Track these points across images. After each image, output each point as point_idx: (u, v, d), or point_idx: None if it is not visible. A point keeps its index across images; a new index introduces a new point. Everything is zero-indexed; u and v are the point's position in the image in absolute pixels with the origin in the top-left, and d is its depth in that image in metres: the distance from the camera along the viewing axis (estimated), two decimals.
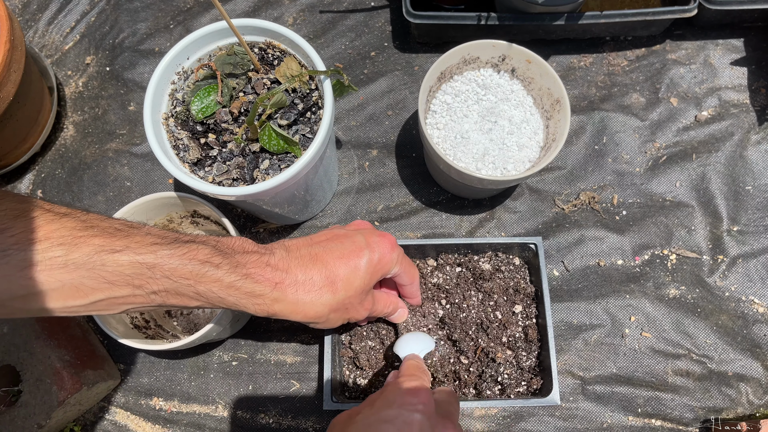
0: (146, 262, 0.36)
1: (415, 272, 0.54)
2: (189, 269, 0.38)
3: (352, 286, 0.45)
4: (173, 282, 0.38)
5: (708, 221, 0.71)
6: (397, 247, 0.49)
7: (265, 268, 0.41)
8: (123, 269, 0.36)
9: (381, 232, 0.50)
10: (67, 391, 0.57)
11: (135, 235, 0.37)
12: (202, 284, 0.39)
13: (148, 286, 0.37)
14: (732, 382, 0.65)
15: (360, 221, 0.52)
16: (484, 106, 0.66)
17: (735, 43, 0.79)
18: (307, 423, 0.64)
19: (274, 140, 0.51)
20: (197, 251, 0.39)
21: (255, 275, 0.41)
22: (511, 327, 0.59)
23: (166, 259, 0.37)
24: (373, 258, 0.47)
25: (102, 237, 0.35)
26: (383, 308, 0.54)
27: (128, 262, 0.36)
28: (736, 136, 0.74)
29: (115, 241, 0.36)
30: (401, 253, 0.50)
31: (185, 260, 0.38)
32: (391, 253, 0.48)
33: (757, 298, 0.68)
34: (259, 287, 0.41)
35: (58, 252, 0.34)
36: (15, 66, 0.62)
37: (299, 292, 0.43)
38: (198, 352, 0.67)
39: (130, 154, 0.75)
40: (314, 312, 0.44)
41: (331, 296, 0.44)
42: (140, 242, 0.37)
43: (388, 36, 0.80)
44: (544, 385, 0.57)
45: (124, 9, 0.82)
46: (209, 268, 0.39)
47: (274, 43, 0.56)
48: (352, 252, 0.46)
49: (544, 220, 0.71)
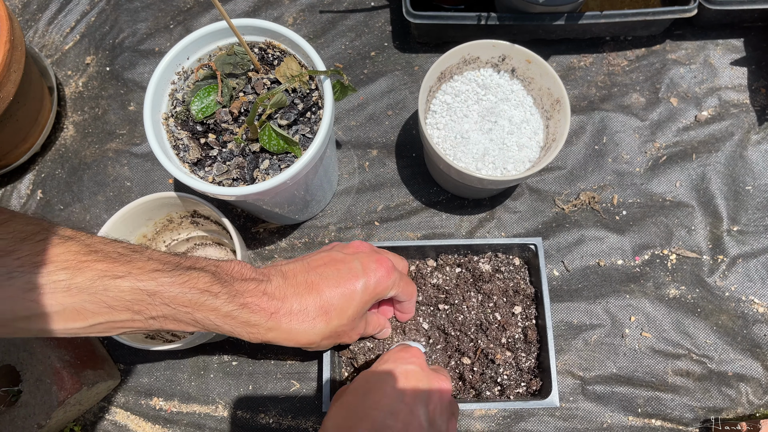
0: (147, 289, 0.37)
1: (412, 290, 0.55)
2: (188, 298, 0.39)
3: (345, 315, 0.46)
4: (172, 309, 0.39)
5: (708, 221, 0.71)
6: (393, 272, 0.50)
7: (261, 297, 0.42)
8: (124, 295, 0.37)
9: (379, 256, 0.50)
10: (67, 391, 0.57)
11: (137, 261, 0.38)
12: (200, 312, 0.40)
13: (147, 311, 0.38)
14: (732, 382, 0.65)
15: (359, 243, 0.52)
16: (484, 106, 0.66)
17: (735, 43, 0.79)
18: (307, 423, 0.64)
19: (274, 140, 0.51)
20: (197, 280, 0.39)
21: (251, 305, 0.42)
22: (510, 328, 0.59)
23: (167, 287, 0.38)
24: (369, 284, 0.48)
25: (105, 262, 0.36)
26: (373, 330, 0.55)
27: (129, 288, 0.37)
28: (736, 136, 0.74)
29: (117, 267, 0.37)
30: (398, 276, 0.51)
31: (185, 288, 0.39)
32: (387, 279, 0.49)
33: (757, 298, 0.68)
34: (255, 317, 0.42)
35: (62, 276, 0.34)
36: (15, 66, 0.62)
37: (293, 322, 0.44)
38: (198, 352, 0.67)
39: (130, 154, 0.75)
40: (306, 340, 0.45)
41: (324, 325, 0.45)
42: (142, 268, 0.38)
43: (388, 36, 0.80)
44: (544, 386, 0.57)
45: (124, 9, 0.82)
46: (208, 297, 0.40)
47: (274, 43, 0.56)
48: (347, 279, 0.47)
49: (544, 220, 0.71)
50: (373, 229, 0.71)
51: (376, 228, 0.71)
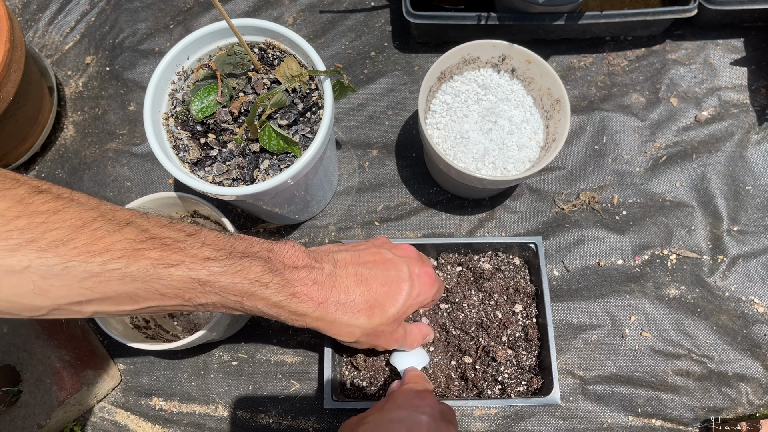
0: (199, 278, 0.38)
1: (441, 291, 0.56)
2: (239, 288, 0.39)
3: (386, 315, 0.47)
4: (222, 297, 0.39)
5: (708, 221, 0.71)
6: (435, 283, 0.51)
7: (311, 287, 0.43)
8: (176, 283, 0.37)
9: (424, 265, 0.51)
10: (67, 391, 0.57)
11: (190, 248, 0.38)
12: (250, 301, 0.40)
13: (197, 299, 0.39)
14: (732, 382, 0.65)
15: (408, 246, 0.53)
16: (484, 106, 0.66)
17: (735, 43, 0.79)
18: (307, 423, 0.64)
19: (274, 140, 0.51)
20: (249, 269, 0.40)
21: (301, 295, 0.42)
22: (511, 326, 0.59)
23: (218, 277, 0.38)
24: (413, 292, 0.48)
25: (159, 250, 0.37)
26: (412, 341, 0.55)
27: (181, 278, 0.37)
28: (736, 136, 0.74)
29: (171, 255, 0.37)
30: (439, 284, 0.52)
31: (237, 278, 0.39)
32: (431, 290, 0.50)
33: (757, 298, 0.68)
34: (303, 307, 0.43)
35: (117, 265, 0.35)
36: (15, 66, 0.62)
37: (338, 312, 0.44)
38: (198, 352, 0.67)
39: (130, 154, 0.75)
40: (347, 331, 0.46)
41: (366, 320, 0.46)
42: (195, 256, 0.38)
43: (388, 36, 0.80)
44: (545, 384, 0.57)
45: (124, 9, 0.82)
46: (258, 287, 0.40)
47: (274, 43, 0.56)
48: (394, 282, 0.47)
49: (544, 220, 0.71)
50: (373, 229, 0.71)
51: (376, 228, 0.71)
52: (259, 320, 0.68)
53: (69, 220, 0.34)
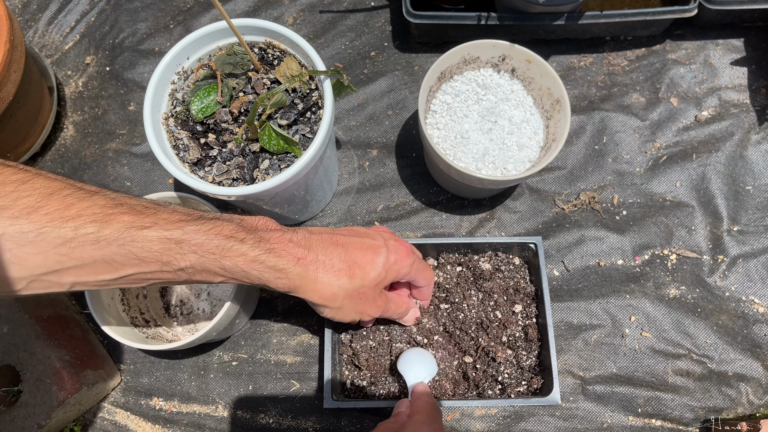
0: (174, 237, 0.38)
1: (430, 275, 0.56)
2: (215, 244, 0.39)
3: (368, 276, 0.47)
4: (200, 257, 0.39)
5: (708, 221, 0.71)
6: (413, 254, 0.51)
7: (288, 244, 0.43)
8: (152, 245, 0.37)
9: (398, 238, 0.51)
10: (67, 391, 0.57)
11: (162, 213, 0.39)
12: (228, 259, 0.40)
13: (176, 262, 0.39)
14: (732, 382, 0.65)
15: (381, 227, 0.54)
16: (484, 106, 0.66)
17: (735, 43, 0.79)
18: (307, 423, 0.64)
19: (274, 140, 0.51)
20: (222, 227, 0.40)
21: (278, 250, 0.42)
22: (511, 326, 0.59)
23: (193, 235, 0.39)
24: (390, 258, 0.48)
25: (131, 214, 0.37)
26: (396, 308, 0.54)
27: (157, 238, 0.37)
28: (736, 136, 0.74)
29: (143, 218, 0.37)
30: (417, 259, 0.52)
31: (211, 235, 0.39)
32: (407, 259, 0.50)
33: (757, 298, 0.68)
34: (282, 261, 0.42)
35: (90, 229, 0.35)
36: (15, 66, 0.62)
37: (319, 270, 0.44)
38: (198, 352, 0.67)
39: (130, 154, 0.75)
40: (330, 292, 0.45)
41: (347, 280, 0.46)
42: (167, 219, 0.38)
43: (388, 36, 0.80)
44: (545, 384, 0.57)
45: (124, 9, 0.82)
46: (234, 242, 0.40)
47: (274, 43, 0.56)
48: (371, 247, 0.48)
49: (544, 220, 0.71)
50: None
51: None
52: (260, 320, 0.68)
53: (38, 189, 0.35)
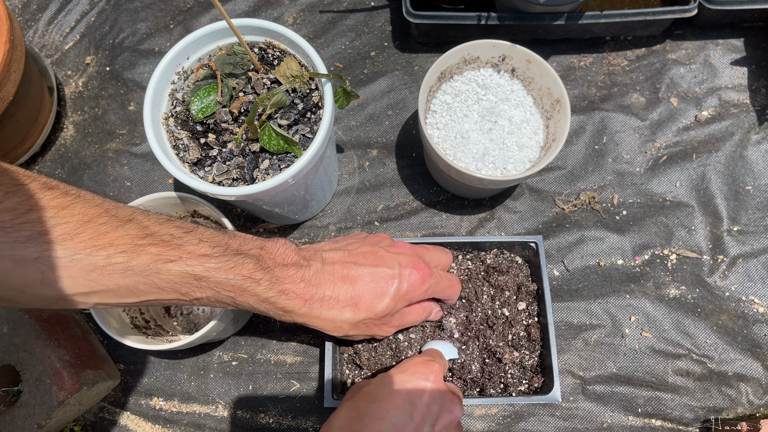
0: (195, 273, 0.40)
1: (452, 292, 0.56)
2: (233, 284, 0.41)
3: (373, 311, 0.48)
4: (216, 292, 0.42)
5: (708, 221, 0.71)
6: (429, 280, 0.51)
7: (299, 284, 0.45)
8: (174, 278, 0.39)
9: (418, 261, 0.51)
10: (67, 391, 0.57)
11: (188, 244, 0.40)
12: (241, 297, 0.43)
13: (193, 293, 0.41)
14: (732, 382, 0.65)
15: (404, 244, 0.53)
16: (484, 106, 0.66)
17: (735, 43, 0.79)
18: (307, 423, 0.64)
19: (274, 140, 0.51)
20: (242, 266, 0.42)
21: (289, 292, 0.44)
22: (516, 325, 0.59)
23: (213, 273, 0.41)
24: (401, 289, 0.49)
25: (159, 246, 0.39)
26: (416, 319, 0.55)
27: (179, 272, 0.39)
28: (736, 136, 0.74)
29: (170, 251, 0.39)
30: (436, 282, 0.52)
31: (230, 275, 0.41)
32: (421, 286, 0.50)
33: (757, 298, 0.68)
34: (291, 303, 0.44)
35: (120, 259, 0.37)
36: (15, 66, 0.62)
37: (323, 308, 0.46)
38: (198, 352, 0.67)
39: (130, 154, 0.75)
40: (333, 326, 0.48)
41: (351, 315, 0.47)
42: (192, 252, 0.40)
43: (388, 36, 0.80)
44: (545, 383, 0.57)
45: (124, 9, 0.82)
46: (250, 283, 0.42)
47: (274, 43, 0.56)
48: (382, 279, 0.48)
49: (544, 220, 0.71)
50: (373, 229, 0.71)
51: (376, 228, 0.71)
52: (260, 320, 0.68)
53: (77, 215, 0.36)
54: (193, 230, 0.42)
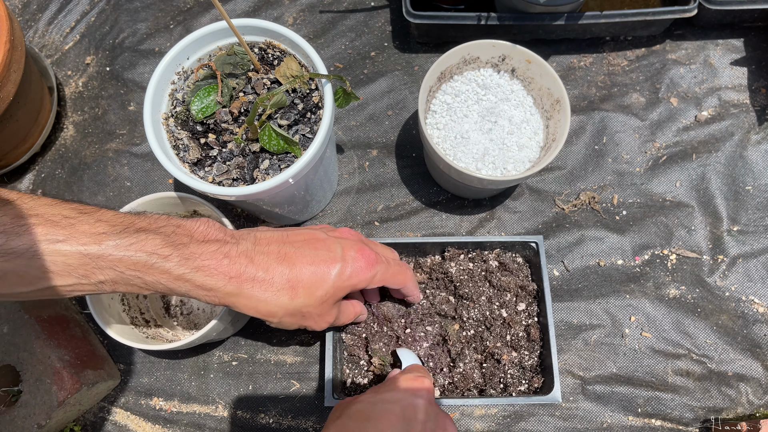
0: (90, 252, 0.36)
1: (404, 277, 0.52)
2: (134, 260, 0.37)
3: (313, 296, 0.44)
4: (119, 272, 0.38)
5: (708, 221, 0.71)
6: (376, 265, 0.47)
7: (221, 261, 0.40)
8: (66, 259, 0.36)
9: (362, 246, 0.47)
10: (67, 391, 0.57)
11: (82, 224, 0.37)
12: (150, 275, 0.38)
13: (94, 276, 0.37)
14: (732, 382, 0.65)
15: (348, 230, 0.50)
16: (484, 106, 0.66)
17: (735, 43, 0.79)
18: (307, 423, 0.64)
19: (274, 140, 0.51)
20: (146, 242, 0.38)
21: (207, 268, 0.40)
22: (515, 326, 0.59)
23: (111, 250, 0.37)
24: (344, 272, 0.45)
25: (44, 226, 0.35)
26: (346, 320, 0.52)
27: (71, 253, 0.36)
28: (736, 136, 0.74)
29: (58, 231, 0.36)
30: (383, 268, 0.48)
31: (131, 251, 0.37)
32: (367, 272, 0.46)
33: (757, 298, 0.68)
34: (211, 281, 0.40)
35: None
36: (15, 66, 0.62)
37: (255, 289, 0.42)
38: (198, 352, 0.67)
39: (130, 154, 0.75)
40: (267, 310, 0.43)
41: (288, 300, 0.43)
42: (86, 231, 0.37)
43: (388, 36, 0.80)
44: (545, 383, 0.57)
45: (124, 9, 0.82)
46: (157, 259, 0.38)
47: (274, 43, 0.56)
48: (323, 261, 0.44)
49: (544, 220, 0.71)
50: (373, 229, 0.71)
51: (376, 228, 0.71)
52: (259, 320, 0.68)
53: None
54: (91, 212, 0.38)
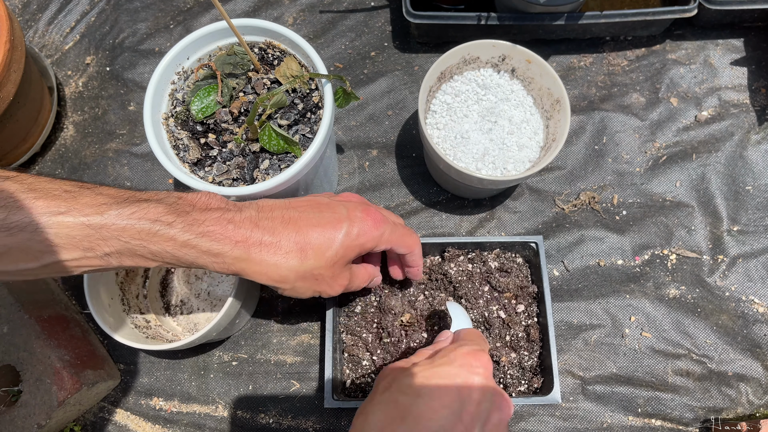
0: (93, 223, 0.36)
1: (412, 241, 0.50)
2: (138, 228, 0.37)
3: (323, 257, 0.43)
4: (124, 243, 0.37)
5: (708, 221, 0.71)
6: (382, 225, 0.46)
7: (226, 226, 0.40)
8: (69, 231, 0.35)
9: (367, 208, 0.46)
10: (67, 391, 0.57)
11: (84, 196, 0.37)
12: (155, 244, 0.38)
13: (99, 248, 0.37)
14: (732, 382, 0.65)
15: (350, 194, 0.49)
16: (484, 106, 0.66)
17: (735, 43, 0.79)
18: (307, 423, 0.64)
19: (274, 140, 0.51)
20: (148, 209, 0.38)
21: (213, 233, 0.39)
22: (514, 327, 0.59)
23: (114, 219, 0.36)
24: (351, 232, 0.44)
25: (45, 199, 0.35)
26: (361, 283, 0.50)
27: (74, 224, 0.35)
28: (736, 136, 0.74)
29: (60, 203, 0.35)
30: (391, 228, 0.47)
31: (134, 219, 0.37)
32: (374, 231, 0.45)
33: (757, 298, 0.68)
34: (218, 246, 0.39)
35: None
36: (15, 66, 0.62)
37: (263, 252, 0.41)
38: (198, 352, 0.67)
39: (130, 154, 0.75)
40: (278, 275, 0.42)
41: (298, 262, 0.42)
42: (87, 203, 0.36)
43: (388, 36, 0.80)
44: (545, 383, 0.57)
45: (124, 9, 0.82)
46: (161, 226, 0.37)
47: (274, 43, 0.56)
48: (329, 222, 0.43)
49: (544, 220, 0.71)
50: None
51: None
52: (260, 320, 0.68)
53: None
54: (92, 187, 0.38)
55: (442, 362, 0.41)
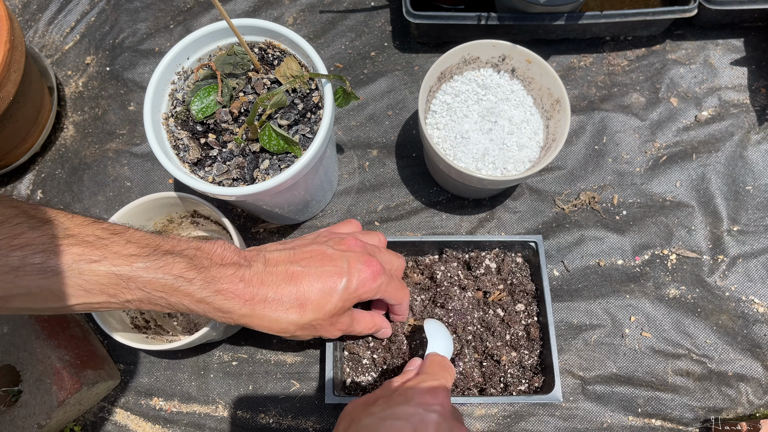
0: (122, 274, 0.38)
1: (403, 294, 0.54)
2: (162, 282, 0.40)
3: (321, 310, 0.46)
4: (146, 293, 0.40)
5: (708, 221, 0.71)
6: (380, 277, 0.49)
7: (237, 284, 0.43)
8: (99, 279, 0.38)
9: (368, 257, 0.49)
10: (67, 391, 0.57)
11: (114, 245, 0.39)
12: (174, 297, 0.41)
13: (122, 295, 0.39)
14: (732, 382, 0.65)
15: (354, 240, 0.51)
16: (484, 106, 0.66)
17: (735, 43, 0.79)
18: (307, 423, 0.64)
19: (274, 140, 0.51)
20: (173, 265, 0.40)
21: (226, 291, 0.42)
22: (514, 326, 0.59)
23: (141, 272, 0.39)
24: (351, 285, 0.47)
25: (81, 246, 0.38)
26: (363, 329, 0.54)
27: (104, 273, 0.38)
28: (736, 136, 0.74)
29: (93, 251, 0.38)
30: (387, 280, 0.50)
31: (159, 274, 0.40)
32: (372, 283, 0.48)
33: (757, 298, 0.68)
34: (229, 304, 0.43)
35: (37, 259, 0.36)
36: (15, 66, 0.62)
37: (266, 309, 0.44)
38: (198, 352, 0.67)
39: (130, 154, 0.75)
40: (279, 327, 0.45)
41: (298, 317, 0.45)
42: (118, 253, 0.39)
43: (388, 36, 0.80)
44: (546, 383, 0.57)
45: (124, 9, 0.82)
46: (182, 282, 0.41)
47: (274, 43, 0.56)
48: (329, 276, 0.46)
49: (544, 220, 0.71)
50: (373, 230, 0.71)
51: (376, 228, 0.71)
52: None
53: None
54: (121, 232, 0.41)
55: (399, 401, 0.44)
